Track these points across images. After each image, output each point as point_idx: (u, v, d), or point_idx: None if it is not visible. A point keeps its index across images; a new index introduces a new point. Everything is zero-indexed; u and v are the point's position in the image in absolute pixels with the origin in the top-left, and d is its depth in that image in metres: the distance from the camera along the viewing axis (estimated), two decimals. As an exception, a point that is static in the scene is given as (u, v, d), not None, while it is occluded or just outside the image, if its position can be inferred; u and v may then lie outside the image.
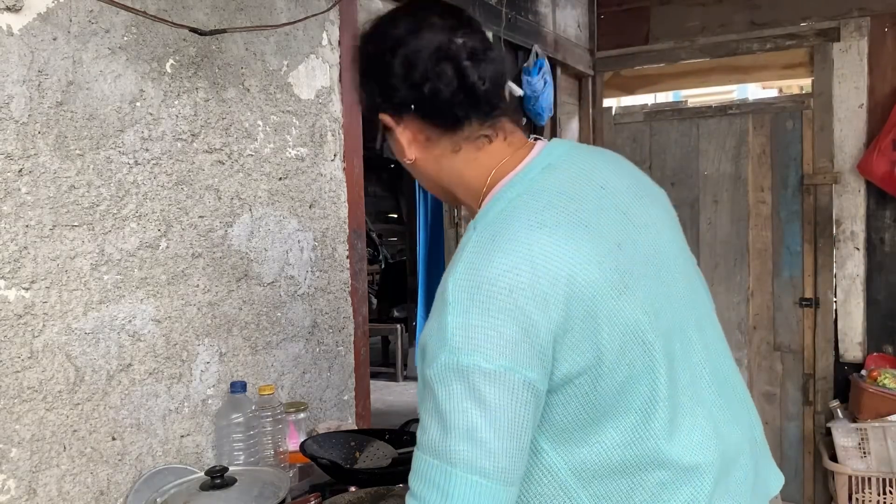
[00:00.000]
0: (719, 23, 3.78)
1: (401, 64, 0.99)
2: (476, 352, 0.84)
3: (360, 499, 1.44)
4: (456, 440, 0.84)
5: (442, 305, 0.88)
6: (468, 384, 0.84)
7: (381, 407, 5.91)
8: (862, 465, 3.19)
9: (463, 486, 0.84)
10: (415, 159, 1.05)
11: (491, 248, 0.88)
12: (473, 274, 0.87)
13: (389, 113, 1.03)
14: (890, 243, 3.50)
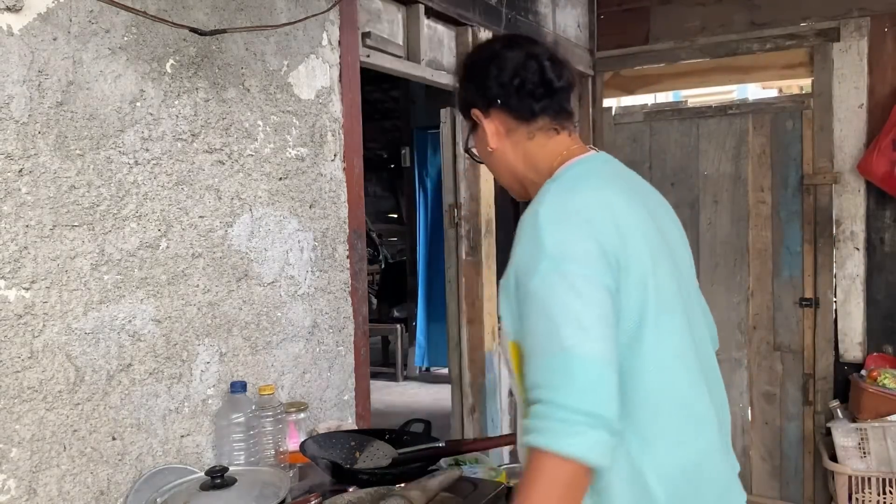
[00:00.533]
0: (719, 23, 3.78)
1: (495, 67, 1.26)
2: (571, 260, 1.05)
3: (360, 499, 1.44)
4: (566, 330, 1.01)
5: (533, 231, 1.09)
6: (568, 283, 1.04)
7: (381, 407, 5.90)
8: (862, 465, 3.19)
9: (580, 366, 1.00)
10: (496, 148, 1.29)
11: (572, 191, 1.14)
12: (560, 206, 1.11)
13: (480, 108, 1.28)
14: (890, 243, 3.50)
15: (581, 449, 0.98)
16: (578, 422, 0.98)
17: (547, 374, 1.02)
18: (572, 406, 0.99)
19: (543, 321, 1.04)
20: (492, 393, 3.11)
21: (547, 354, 1.02)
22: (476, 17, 2.96)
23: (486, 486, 1.62)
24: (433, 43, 2.81)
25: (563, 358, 1.01)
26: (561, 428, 0.98)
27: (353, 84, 2.23)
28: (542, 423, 1.00)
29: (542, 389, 1.02)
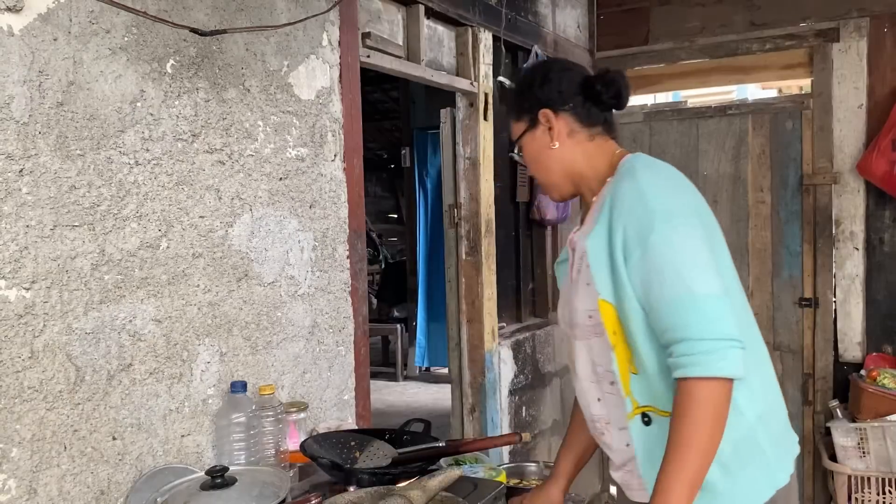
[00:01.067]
0: (719, 23, 3.79)
1: (567, 78, 1.49)
2: (679, 215, 1.28)
3: (360, 498, 1.44)
4: (688, 274, 1.23)
5: (639, 197, 1.30)
6: (681, 234, 1.26)
7: (381, 407, 5.91)
8: (861, 465, 3.19)
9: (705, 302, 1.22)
10: (559, 146, 1.48)
11: (657, 167, 1.39)
12: (655, 177, 1.35)
13: (550, 108, 1.47)
14: (889, 243, 3.50)
15: (729, 367, 1.20)
16: (719, 347, 1.20)
17: (681, 315, 1.23)
18: (709, 336, 1.20)
19: (667, 271, 1.24)
20: (492, 392, 3.11)
21: (676, 299, 1.23)
22: (476, 17, 2.96)
23: (486, 486, 1.62)
24: (433, 43, 2.81)
25: (690, 299, 1.22)
26: (707, 357, 1.20)
27: (353, 84, 2.24)
28: (690, 358, 1.21)
29: (679, 330, 1.23)
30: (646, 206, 1.29)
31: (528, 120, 1.51)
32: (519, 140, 1.54)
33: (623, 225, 1.30)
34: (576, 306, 1.42)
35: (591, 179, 1.49)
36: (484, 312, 3.05)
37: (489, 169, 3.08)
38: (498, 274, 3.16)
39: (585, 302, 1.39)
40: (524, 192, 3.46)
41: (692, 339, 1.21)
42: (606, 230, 1.33)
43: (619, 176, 1.39)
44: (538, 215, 3.49)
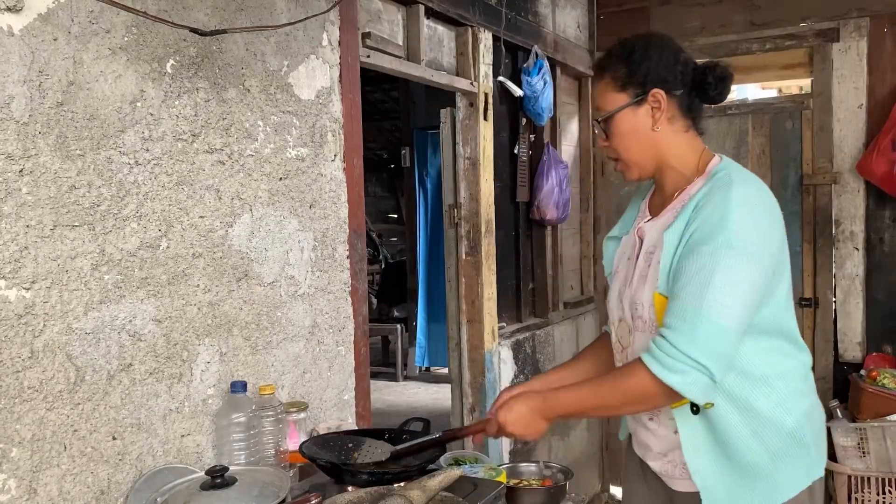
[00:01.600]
0: (719, 23, 3.79)
1: (683, 61, 1.47)
2: (745, 239, 1.31)
3: (360, 498, 1.44)
4: (711, 296, 1.28)
5: (724, 207, 1.33)
6: (732, 259, 1.30)
7: (381, 407, 5.91)
8: (861, 465, 3.19)
9: (707, 327, 1.28)
10: (660, 129, 1.47)
11: (751, 183, 1.41)
12: (747, 194, 1.37)
13: (664, 88, 1.45)
14: (889, 243, 3.50)
15: (681, 384, 1.28)
16: (684, 362, 1.27)
17: (678, 320, 1.30)
18: (685, 351, 1.27)
19: (697, 281, 1.30)
20: (492, 392, 3.11)
21: (685, 307, 1.30)
22: (476, 17, 2.96)
23: (486, 486, 1.62)
24: (433, 43, 2.81)
25: (696, 314, 1.28)
26: (670, 364, 1.28)
27: (353, 84, 2.24)
28: (659, 354, 1.30)
29: (668, 331, 1.31)
30: (722, 219, 1.33)
31: (633, 94, 1.46)
32: (615, 113, 1.48)
33: (697, 225, 1.36)
34: (641, 300, 1.46)
35: (676, 171, 1.50)
36: (484, 312, 3.05)
37: (489, 169, 3.08)
38: (498, 274, 3.16)
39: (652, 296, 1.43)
40: (524, 192, 3.46)
41: (671, 344, 1.29)
42: (683, 228, 1.38)
43: (713, 183, 1.41)
44: (538, 215, 3.49)
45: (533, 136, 3.52)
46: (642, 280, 1.47)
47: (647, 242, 1.49)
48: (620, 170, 1.56)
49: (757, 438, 1.39)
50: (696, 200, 1.40)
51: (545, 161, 3.47)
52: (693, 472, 1.42)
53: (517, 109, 3.38)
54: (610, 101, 1.49)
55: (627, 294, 1.51)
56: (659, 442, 1.51)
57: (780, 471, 1.41)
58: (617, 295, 1.56)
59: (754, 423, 1.39)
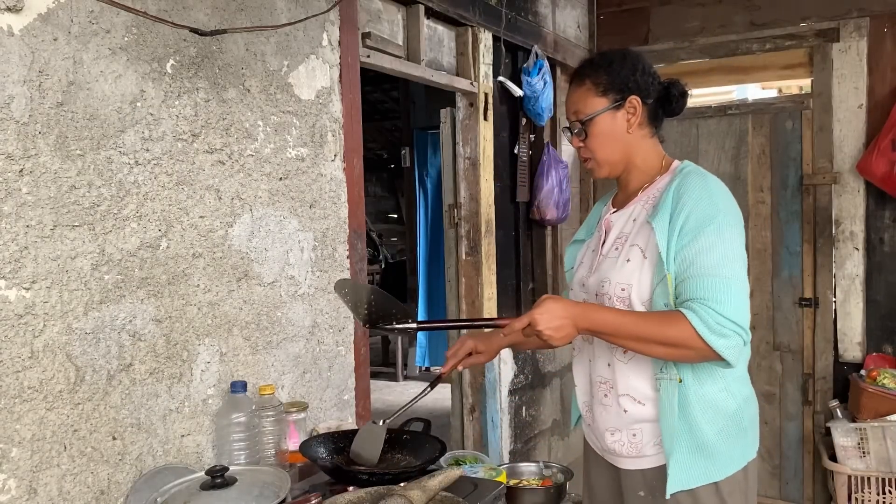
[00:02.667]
0: (719, 23, 3.79)
1: (656, 75, 1.65)
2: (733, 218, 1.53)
3: (361, 498, 1.44)
4: (732, 264, 1.47)
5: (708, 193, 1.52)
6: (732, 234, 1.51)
7: (381, 407, 5.90)
8: (861, 465, 3.19)
9: (737, 289, 1.45)
10: (631, 133, 1.63)
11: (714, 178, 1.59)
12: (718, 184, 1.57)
13: (639, 97, 1.61)
14: (889, 243, 3.50)
15: (720, 344, 1.41)
16: (727, 326, 1.41)
17: (712, 291, 1.44)
18: (727, 315, 1.41)
19: (715, 254, 1.46)
20: (492, 392, 3.11)
21: (715, 277, 1.45)
22: (476, 17, 2.96)
23: (486, 486, 1.62)
24: (433, 43, 2.81)
25: (724, 282, 1.44)
26: (714, 326, 1.41)
27: (353, 84, 2.24)
28: (704, 316, 1.41)
29: (706, 300, 1.43)
30: (712, 203, 1.51)
31: (613, 99, 1.61)
32: (593, 116, 1.62)
33: (688, 213, 1.50)
34: (609, 277, 1.58)
35: (641, 171, 1.66)
36: (484, 312, 3.05)
37: (489, 169, 3.08)
38: (498, 274, 3.16)
39: (621, 276, 1.56)
40: (524, 192, 3.46)
41: (714, 310, 1.42)
42: (670, 217, 1.52)
43: (684, 175, 1.58)
44: (538, 215, 3.49)
45: (533, 136, 3.52)
46: (612, 262, 1.60)
47: (615, 231, 1.65)
48: (590, 168, 1.70)
49: (704, 419, 1.52)
50: (671, 191, 1.55)
51: (545, 161, 3.47)
52: (665, 438, 1.54)
53: (517, 109, 3.38)
54: (591, 105, 1.62)
55: (592, 279, 1.64)
56: (611, 419, 1.61)
57: (721, 450, 1.54)
58: (579, 282, 1.70)
59: (702, 405, 1.53)
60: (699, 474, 1.53)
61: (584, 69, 1.67)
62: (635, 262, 1.55)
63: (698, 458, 1.53)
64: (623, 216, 1.65)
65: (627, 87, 1.61)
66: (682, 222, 1.50)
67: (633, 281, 1.54)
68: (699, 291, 1.45)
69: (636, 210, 1.63)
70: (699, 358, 1.46)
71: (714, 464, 1.53)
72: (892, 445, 3.11)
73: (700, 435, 1.52)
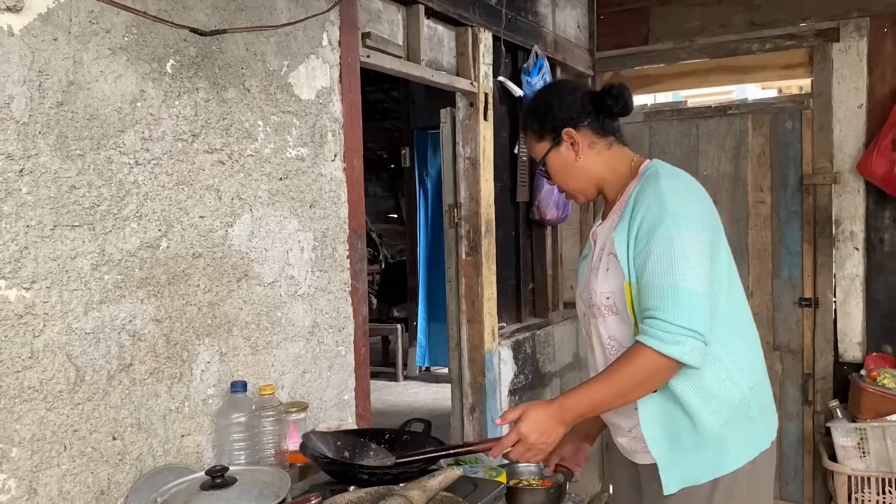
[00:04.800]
0: (719, 23, 3.79)
1: (580, 97, 1.68)
2: (686, 218, 1.48)
3: (361, 498, 1.44)
4: (678, 268, 1.44)
5: (657, 197, 1.51)
6: (683, 235, 1.46)
7: (381, 407, 5.91)
8: (861, 465, 3.19)
9: (684, 296, 1.43)
10: (583, 158, 1.67)
11: (677, 175, 1.60)
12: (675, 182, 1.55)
13: (571, 126, 1.66)
14: (889, 243, 3.50)
15: (680, 352, 1.41)
16: (680, 334, 1.41)
17: (660, 300, 1.44)
18: (677, 322, 1.41)
19: (663, 261, 1.45)
20: (492, 392, 3.11)
21: (662, 286, 1.45)
22: (476, 17, 2.96)
23: (486, 486, 1.62)
24: (433, 43, 2.81)
25: (673, 290, 1.43)
26: (667, 337, 1.42)
27: (354, 84, 2.24)
28: (654, 331, 1.43)
29: (655, 311, 1.44)
30: (661, 206, 1.50)
31: (551, 139, 1.69)
32: (544, 158, 1.71)
33: (640, 218, 1.52)
34: (595, 289, 1.63)
35: (613, 182, 1.69)
36: (484, 312, 3.05)
37: (489, 169, 3.08)
38: (498, 274, 3.16)
39: (603, 285, 1.60)
40: (524, 192, 3.46)
41: (662, 321, 1.43)
42: (628, 223, 1.54)
43: (644, 180, 1.59)
44: (538, 215, 3.49)
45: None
46: (595, 273, 1.65)
47: (599, 242, 1.69)
48: (568, 199, 1.83)
49: (707, 411, 1.53)
50: (633, 197, 1.58)
51: (545, 161, 3.47)
52: (649, 442, 1.57)
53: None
54: (537, 150, 1.72)
55: (586, 291, 1.70)
56: (625, 419, 1.64)
57: (727, 441, 1.55)
58: (579, 296, 1.78)
59: (703, 396, 1.54)
60: (706, 468, 1.54)
61: (523, 121, 1.80)
62: (613, 271, 1.58)
63: (705, 451, 1.54)
64: (605, 227, 1.68)
65: (556, 124, 1.67)
66: (637, 229, 1.53)
67: (615, 288, 1.57)
68: (648, 301, 1.47)
69: (613, 220, 1.66)
70: (672, 372, 1.47)
71: (722, 457, 1.55)
72: (892, 445, 3.11)
73: (705, 428, 1.53)
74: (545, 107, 1.70)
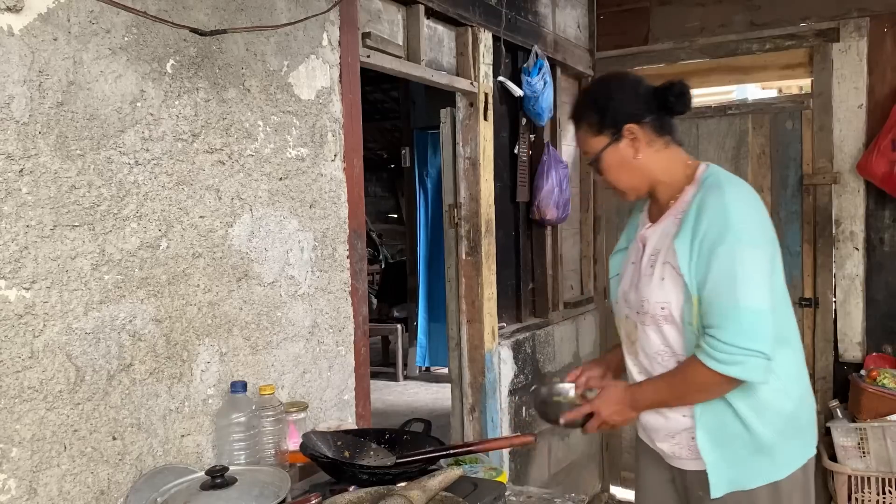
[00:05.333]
0: (719, 23, 3.79)
1: (643, 92, 1.64)
2: (749, 235, 1.49)
3: (361, 498, 1.44)
4: (741, 288, 1.46)
5: (722, 210, 1.51)
6: (746, 253, 1.47)
7: (381, 407, 5.91)
8: (861, 465, 3.19)
9: (745, 315, 1.45)
10: (642, 156, 1.63)
11: (741, 187, 1.58)
12: (739, 196, 1.54)
13: (635, 122, 1.61)
14: (889, 243, 3.50)
15: (740, 372, 1.46)
16: (740, 355, 1.45)
17: (721, 318, 1.47)
18: (737, 344, 1.45)
19: (725, 279, 1.47)
20: (492, 392, 3.11)
21: (723, 305, 1.47)
22: (476, 17, 2.96)
23: (486, 486, 1.62)
24: (433, 43, 2.81)
25: (734, 308, 1.46)
26: (725, 358, 1.45)
27: (354, 84, 2.24)
28: (713, 352, 1.47)
29: (715, 330, 1.47)
30: (726, 220, 1.50)
31: (610, 134, 1.64)
32: (600, 153, 1.65)
33: (705, 231, 1.52)
34: (647, 297, 1.62)
35: (668, 183, 1.66)
36: (484, 312, 3.05)
37: (489, 169, 3.08)
38: (498, 274, 3.16)
39: (658, 294, 1.59)
40: (524, 192, 3.46)
41: (721, 341, 1.46)
42: (691, 234, 1.54)
43: (706, 188, 1.58)
44: (538, 215, 3.49)
45: (533, 136, 3.52)
46: (648, 280, 1.63)
47: (650, 246, 1.66)
48: (618, 195, 1.74)
49: (761, 421, 1.56)
50: (694, 206, 1.56)
51: (545, 161, 3.47)
52: (702, 448, 1.59)
53: (517, 109, 3.38)
54: (592, 145, 1.67)
55: (633, 295, 1.67)
56: (669, 424, 1.66)
57: (779, 450, 1.58)
58: (622, 296, 1.74)
59: (758, 406, 1.56)
60: (758, 474, 1.57)
61: (577, 112, 1.71)
62: (669, 280, 1.58)
63: (758, 458, 1.57)
64: (657, 231, 1.66)
65: (619, 119, 1.62)
66: (699, 244, 1.52)
67: (671, 299, 1.58)
68: (709, 318, 1.50)
69: (668, 225, 1.64)
70: (731, 386, 1.52)
71: (774, 464, 1.58)
72: (892, 445, 3.11)
73: (758, 437, 1.56)
74: (606, 100, 1.65)
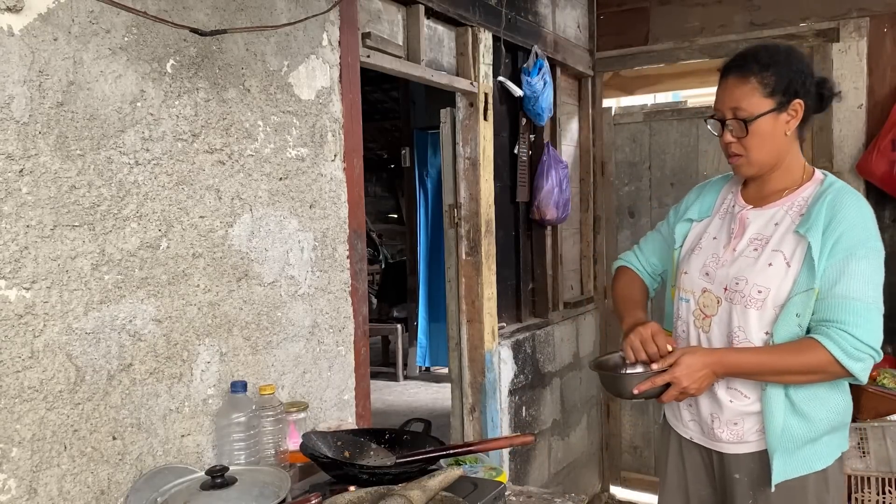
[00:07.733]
0: (719, 23, 3.79)
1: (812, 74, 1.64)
2: (880, 242, 1.59)
3: (361, 498, 1.44)
4: (874, 291, 1.55)
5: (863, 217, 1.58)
6: (877, 260, 1.57)
7: (381, 407, 5.91)
8: (861, 465, 3.19)
9: (877, 317, 1.54)
10: (789, 135, 1.63)
11: (864, 199, 1.63)
12: (869, 207, 1.62)
13: (804, 99, 1.62)
14: (890, 243, 3.48)
15: (856, 368, 1.52)
16: (865, 351, 1.52)
17: (854, 316, 1.52)
18: (866, 341, 1.52)
19: (860, 280, 1.53)
20: (492, 392, 3.11)
21: (855, 302, 1.52)
22: (476, 17, 2.96)
23: (486, 486, 1.62)
24: (433, 43, 2.81)
25: (865, 308, 1.52)
26: (853, 352, 1.51)
27: (354, 84, 2.24)
28: (842, 343, 1.51)
29: (847, 325, 1.52)
30: (866, 228, 1.58)
31: (778, 101, 1.60)
32: (758, 116, 1.59)
33: (841, 233, 1.55)
34: (746, 277, 1.62)
35: (784, 174, 1.67)
36: (484, 312, 3.05)
37: (489, 169, 3.08)
38: (498, 274, 3.16)
39: (761, 278, 1.60)
40: (524, 192, 3.46)
41: (854, 337, 1.52)
42: (822, 229, 1.56)
43: (835, 191, 1.62)
44: (538, 215, 3.49)
45: (533, 136, 3.52)
46: (750, 262, 1.63)
47: (752, 230, 1.67)
48: (738, 164, 1.67)
49: (819, 414, 1.63)
50: (825, 205, 1.59)
51: (545, 161, 3.47)
52: (769, 435, 1.62)
53: (517, 109, 3.38)
54: (755, 105, 1.60)
55: (722, 272, 1.67)
56: (716, 408, 1.70)
57: (825, 441, 1.65)
58: (701, 268, 1.72)
59: (818, 400, 1.62)
60: (806, 463, 1.64)
61: (749, 65, 1.61)
62: (777, 268, 1.59)
63: (809, 448, 1.64)
64: (763, 217, 1.67)
65: (793, 90, 1.60)
66: (834, 241, 1.55)
67: (773, 286, 1.58)
68: (838, 314, 1.53)
69: (779, 214, 1.65)
70: (831, 379, 1.58)
71: (817, 453, 1.65)
72: (892, 445, 3.11)
73: (814, 428, 1.63)
74: (787, 65, 1.61)
